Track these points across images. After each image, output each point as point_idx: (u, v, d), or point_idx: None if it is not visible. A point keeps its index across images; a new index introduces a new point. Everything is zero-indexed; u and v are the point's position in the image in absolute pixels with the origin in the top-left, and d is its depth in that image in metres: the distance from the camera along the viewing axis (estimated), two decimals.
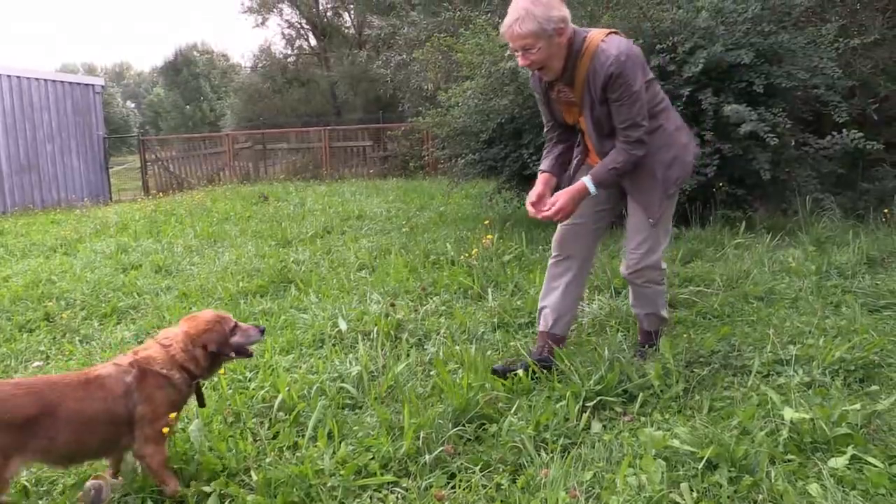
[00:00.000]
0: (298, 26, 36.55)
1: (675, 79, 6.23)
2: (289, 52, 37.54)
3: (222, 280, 5.71)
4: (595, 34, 3.01)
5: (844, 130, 5.97)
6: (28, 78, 16.79)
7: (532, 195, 3.20)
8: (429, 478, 2.41)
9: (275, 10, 35.68)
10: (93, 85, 19.17)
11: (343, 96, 31.25)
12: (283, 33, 36.69)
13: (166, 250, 7.43)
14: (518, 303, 4.39)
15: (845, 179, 7.53)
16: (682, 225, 6.18)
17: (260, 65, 38.04)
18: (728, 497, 2.17)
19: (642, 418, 2.83)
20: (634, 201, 3.26)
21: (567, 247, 3.43)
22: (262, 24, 36.35)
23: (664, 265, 3.41)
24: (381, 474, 2.44)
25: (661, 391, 3.01)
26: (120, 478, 2.51)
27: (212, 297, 5.19)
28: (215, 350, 2.56)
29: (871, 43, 7.30)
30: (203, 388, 2.66)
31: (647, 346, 3.48)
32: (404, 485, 2.38)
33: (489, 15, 8.58)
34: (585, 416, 2.77)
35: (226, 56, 54.84)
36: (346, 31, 35.31)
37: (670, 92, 6.17)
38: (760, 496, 2.14)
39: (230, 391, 3.27)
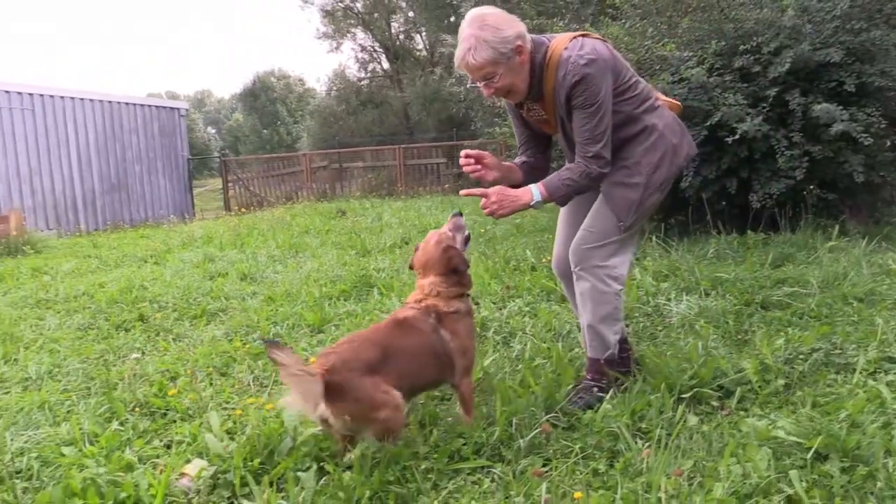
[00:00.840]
0: (371, 50, 37.33)
1: (760, 80, 6.08)
2: (362, 74, 38.34)
3: (306, 285, 5.84)
4: (557, 41, 2.75)
5: None
6: (119, 102, 17.68)
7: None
8: (523, 463, 2.37)
9: (348, 34, 36.59)
10: (178, 108, 20.04)
11: (416, 116, 31.65)
12: (356, 57, 37.46)
13: (250, 259, 7.64)
14: None
15: None
16: (770, 230, 5.98)
17: (334, 88, 38.99)
18: (841, 487, 2.07)
19: (741, 412, 2.73)
20: (607, 201, 2.90)
21: (563, 265, 3.15)
22: (337, 48, 37.39)
23: (620, 282, 2.93)
24: (474, 459, 2.43)
25: (760, 387, 2.90)
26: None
27: (296, 301, 5.29)
28: (462, 266, 2.79)
29: None
30: None
31: (589, 389, 2.92)
32: (498, 469, 2.35)
33: (565, 22, 8.57)
34: (681, 408, 2.69)
35: (302, 80, 56.41)
36: (418, 53, 35.87)
37: (755, 94, 6.04)
38: (878, 484, 2.03)
39: None
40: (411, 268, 2.92)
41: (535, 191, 2.77)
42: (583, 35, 2.79)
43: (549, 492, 2.10)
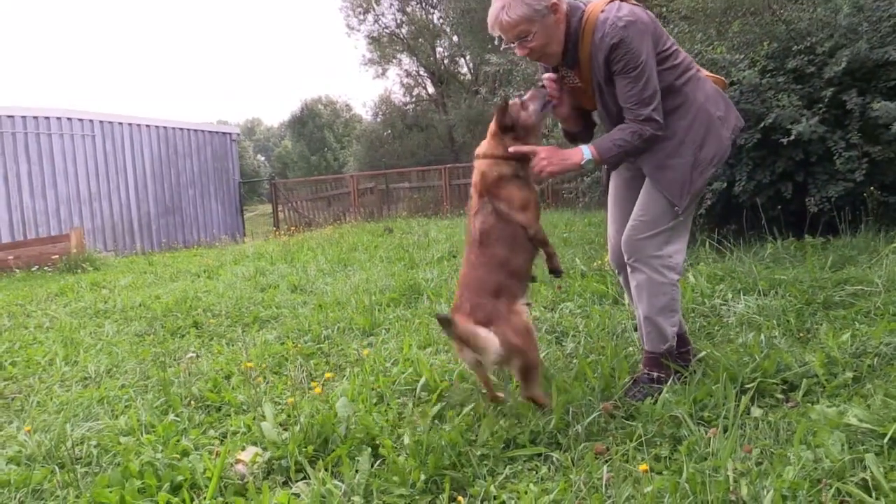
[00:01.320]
0: (416, 74, 37.77)
1: (815, 81, 5.94)
2: (407, 99, 38.77)
3: (356, 294, 5.86)
4: (594, 5, 2.67)
5: None
6: (173, 128, 18.22)
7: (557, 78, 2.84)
8: (581, 448, 2.31)
9: (394, 60, 37.12)
10: (230, 134, 20.55)
11: (461, 139, 31.84)
12: (402, 82, 37.93)
13: (300, 272, 7.72)
14: None
15: None
16: (829, 234, 5.79)
17: (380, 113, 39.52)
18: None
19: (808, 405, 2.62)
20: (655, 184, 2.79)
21: (617, 262, 3.12)
22: (382, 74, 37.94)
23: (677, 272, 2.84)
24: (531, 447, 2.38)
25: (827, 380, 2.79)
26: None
27: (346, 308, 5.31)
28: (509, 121, 2.81)
29: None
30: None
31: (647, 382, 2.83)
32: (556, 455, 2.30)
33: None
34: (744, 399, 2.59)
35: (348, 106, 57.28)
36: (463, 77, 36.15)
37: (810, 95, 5.90)
38: None
39: (372, 377, 3.31)
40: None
41: (585, 151, 2.70)
42: None
43: (611, 472, 2.04)
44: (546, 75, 2.86)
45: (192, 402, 3.22)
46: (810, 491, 1.89)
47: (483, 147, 2.88)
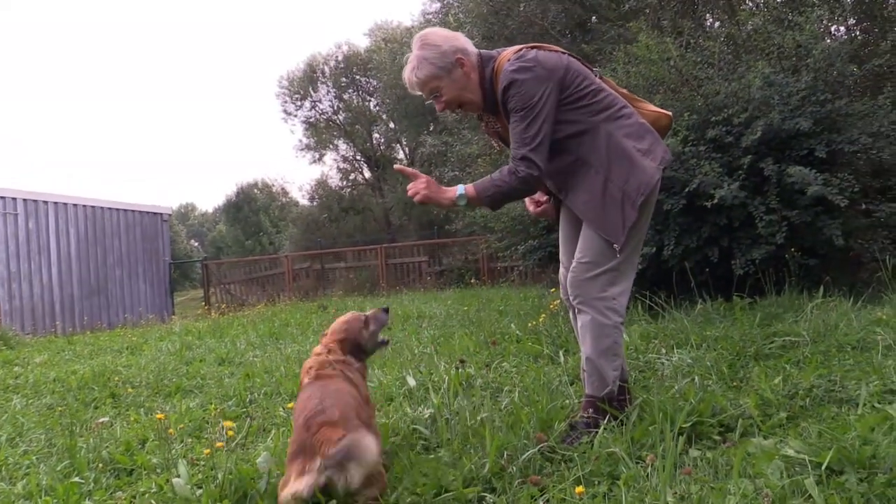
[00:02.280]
0: (353, 159, 38.20)
1: (734, 150, 6.20)
2: (344, 183, 39.04)
3: (286, 363, 5.65)
4: (504, 55, 2.79)
5: None
6: (101, 207, 17.75)
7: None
8: (515, 490, 2.20)
9: (330, 146, 37.54)
10: (161, 213, 20.13)
11: (397, 221, 32.07)
12: (338, 167, 38.28)
13: (229, 346, 7.44)
14: None
15: None
16: (756, 294, 5.93)
17: (317, 196, 39.59)
18: (861, 495, 1.92)
19: (748, 442, 2.57)
20: (590, 225, 2.82)
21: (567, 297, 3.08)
22: (319, 159, 38.23)
23: (620, 315, 2.81)
24: (464, 489, 2.25)
25: (762, 420, 2.77)
26: None
27: (274, 375, 5.10)
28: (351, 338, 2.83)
29: None
30: None
31: (584, 427, 2.75)
32: (491, 499, 2.17)
33: None
34: (682, 439, 2.53)
35: (284, 190, 57.20)
36: (399, 160, 36.73)
37: (729, 163, 6.15)
38: None
39: None
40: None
41: (460, 188, 2.76)
42: (535, 47, 2.78)
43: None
44: (401, 168, 2.96)
45: (101, 466, 2.97)
46: None
47: (320, 350, 2.86)
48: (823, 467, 2.07)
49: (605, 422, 2.74)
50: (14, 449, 3.44)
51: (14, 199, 15.52)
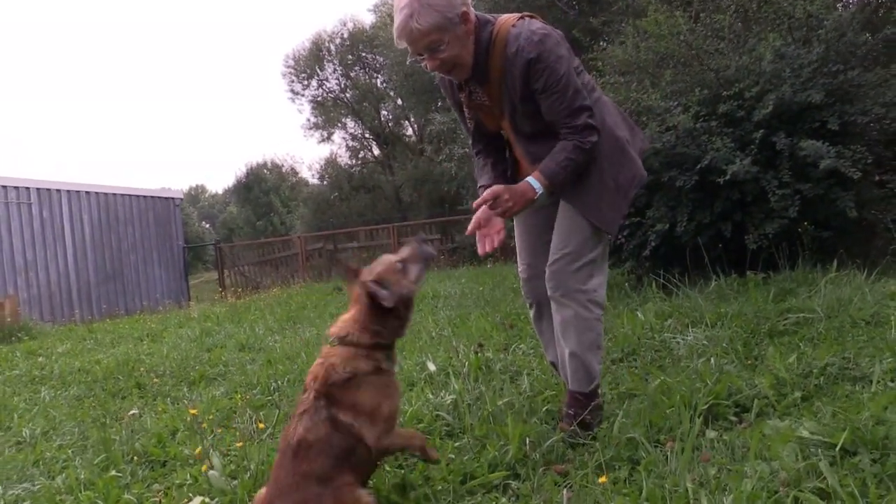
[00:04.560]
0: (362, 137, 38.17)
1: (745, 124, 6.19)
2: (353, 162, 39.04)
3: (306, 348, 5.75)
4: (504, 19, 2.54)
5: None
6: (113, 194, 17.89)
7: (475, 222, 2.62)
8: (539, 476, 2.28)
9: (339, 124, 37.48)
10: (173, 198, 20.27)
11: (408, 199, 32.11)
12: (347, 145, 38.25)
13: (248, 332, 7.56)
14: (610, 343, 4.26)
15: None
16: (770, 269, 5.96)
17: (327, 176, 39.64)
18: (874, 475, 1.98)
19: (764, 424, 2.64)
20: (585, 213, 2.67)
21: (534, 294, 2.98)
22: (328, 138, 38.19)
23: (601, 307, 2.76)
24: (490, 474, 2.33)
25: (777, 400, 2.83)
26: None
27: (296, 361, 5.20)
28: (388, 300, 2.21)
29: None
30: None
31: (573, 422, 2.66)
32: (514, 485, 2.25)
33: None
34: (699, 421, 2.60)
35: (294, 170, 57.27)
36: (408, 138, 36.69)
37: (741, 137, 6.14)
38: None
39: None
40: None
41: (534, 183, 2.53)
42: (529, 16, 2.59)
43: (572, 496, 2.00)
44: (476, 202, 2.61)
45: (136, 458, 3.08)
46: (768, 501, 1.88)
47: (340, 328, 2.32)
48: (837, 448, 2.13)
49: (595, 416, 2.72)
50: (49, 443, 3.57)
51: (27, 188, 15.68)
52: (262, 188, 56.69)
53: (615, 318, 4.95)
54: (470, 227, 2.68)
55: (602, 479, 1.96)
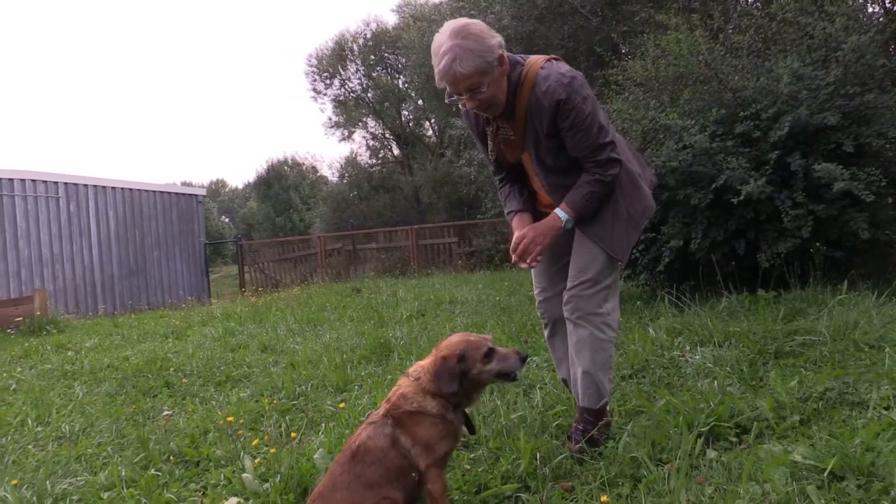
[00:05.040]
0: (382, 137, 38.46)
1: (762, 144, 6.31)
2: (373, 161, 39.34)
3: (327, 352, 5.95)
4: (533, 61, 2.76)
5: None
6: (139, 190, 18.26)
7: (516, 243, 2.85)
8: (549, 490, 2.45)
9: (360, 123, 37.80)
10: (196, 195, 20.63)
11: (427, 199, 32.30)
12: (367, 144, 38.58)
13: (270, 332, 7.78)
14: (621, 359, 4.42)
15: None
16: (780, 288, 6.09)
17: (347, 174, 39.97)
18: (859, 500, 2.14)
19: (759, 446, 2.80)
20: (598, 242, 2.89)
21: (549, 315, 3.23)
22: (348, 137, 38.54)
23: (614, 330, 2.96)
24: (503, 485, 2.51)
25: (776, 423, 2.98)
26: None
27: (318, 366, 5.40)
28: (445, 380, 2.40)
29: None
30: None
31: (579, 438, 2.86)
32: (525, 497, 2.44)
33: None
34: (700, 441, 2.77)
35: (314, 168, 57.70)
36: (428, 139, 36.93)
37: (757, 158, 6.27)
38: (892, 494, 2.10)
39: (347, 431, 3.41)
40: None
41: (561, 214, 2.80)
42: (554, 59, 2.81)
43: None
44: (511, 248, 2.85)
45: (171, 458, 3.29)
46: None
47: (416, 369, 2.54)
48: (826, 473, 2.29)
49: (602, 433, 2.92)
50: (89, 440, 3.79)
51: (56, 182, 16.07)
52: (283, 185, 57.14)
53: (627, 332, 5.11)
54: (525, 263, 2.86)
55: (604, 499, 2.14)
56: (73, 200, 16.40)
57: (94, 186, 17.04)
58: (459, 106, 2.79)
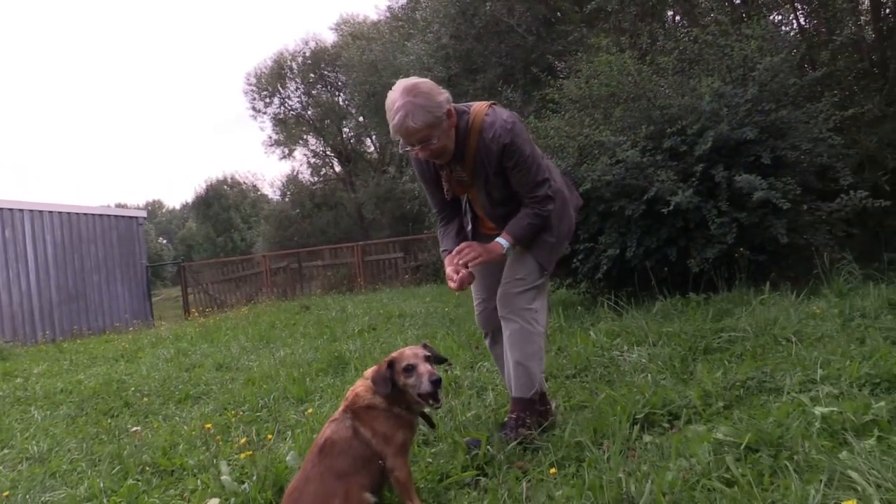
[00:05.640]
0: (324, 154, 38.48)
1: (689, 158, 6.78)
2: (315, 179, 39.28)
3: (283, 367, 6.13)
4: (477, 108, 3.11)
5: (852, 192, 6.42)
6: (77, 213, 17.94)
7: (452, 278, 3.16)
8: (504, 473, 2.74)
9: (300, 141, 37.74)
10: (136, 217, 20.37)
11: (370, 216, 32.43)
12: (309, 162, 38.52)
13: (224, 351, 7.89)
14: (565, 360, 4.76)
15: (867, 250, 7.88)
16: (710, 291, 6.54)
17: (288, 192, 39.79)
18: (769, 466, 2.49)
19: (688, 428, 3.14)
20: (532, 254, 3.28)
21: (487, 325, 3.56)
22: (289, 155, 38.44)
23: (542, 325, 3.31)
24: (462, 473, 2.79)
25: (703, 409, 3.34)
26: None
27: (277, 381, 5.58)
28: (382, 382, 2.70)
29: (874, 119, 7.91)
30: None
31: (513, 426, 3.14)
32: (484, 481, 2.72)
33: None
34: (636, 428, 3.10)
35: (255, 187, 57.17)
36: (370, 155, 37.11)
37: (684, 170, 6.74)
38: (796, 459, 2.45)
39: (315, 435, 3.63)
40: None
41: (502, 241, 3.15)
42: (495, 104, 3.20)
43: (531, 487, 2.47)
44: (447, 258, 3.20)
45: (146, 468, 3.45)
46: (683, 487, 2.38)
47: (370, 371, 2.84)
48: (743, 447, 2.63)
49: (534, 420, 3.22)
50: (60, 458, 3.91)
51: None
52: (222, 204, 56.42)
53: (570, 336, 5.46)
54: (455, 286, 3.17)
55: (553, 472, 2.43)
56: (7, 226, 16.02)
57: (31, 211, 16.68)
58: (411, 155, 3.14)
